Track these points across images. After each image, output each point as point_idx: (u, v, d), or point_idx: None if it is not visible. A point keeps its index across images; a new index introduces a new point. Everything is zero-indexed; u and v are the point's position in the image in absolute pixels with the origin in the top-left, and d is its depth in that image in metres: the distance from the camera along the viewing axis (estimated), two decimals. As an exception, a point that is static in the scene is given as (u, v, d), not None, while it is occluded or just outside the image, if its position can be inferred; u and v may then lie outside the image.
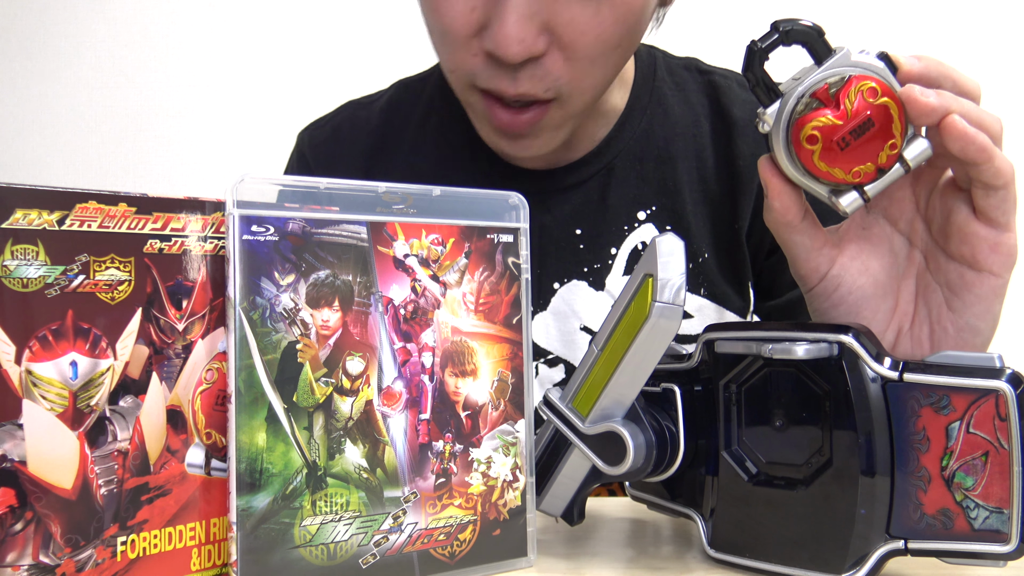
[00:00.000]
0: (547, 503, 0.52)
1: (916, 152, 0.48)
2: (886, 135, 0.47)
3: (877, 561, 0.43)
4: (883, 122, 0.47)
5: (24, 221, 0.38)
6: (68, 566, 0.39)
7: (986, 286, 0.50)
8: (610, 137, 0.79)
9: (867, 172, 0.48)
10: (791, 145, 0.48)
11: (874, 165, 0.47)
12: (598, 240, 0.78)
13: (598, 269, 0.78)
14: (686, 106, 0.82)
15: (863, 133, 0.47)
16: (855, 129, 0.47)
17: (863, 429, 0.43)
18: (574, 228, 0.78)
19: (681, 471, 0.49)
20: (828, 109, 0.47)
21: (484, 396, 0.48)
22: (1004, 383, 0.41)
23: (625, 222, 0.79)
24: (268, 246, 0.42)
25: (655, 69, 0.82)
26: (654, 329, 0.45)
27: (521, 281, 0.50)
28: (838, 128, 0.47)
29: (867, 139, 0.47)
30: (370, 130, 0.85)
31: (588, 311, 0.78)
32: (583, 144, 0.79)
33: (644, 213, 0.79)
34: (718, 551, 0.48)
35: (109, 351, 0.40)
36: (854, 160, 0.47)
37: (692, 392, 0.49)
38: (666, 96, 0.82)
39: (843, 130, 0.47)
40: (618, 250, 0.79)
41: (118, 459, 0.40)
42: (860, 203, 0.49)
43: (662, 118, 0.81)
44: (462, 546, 0.47)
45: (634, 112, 0.80)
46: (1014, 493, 0.40)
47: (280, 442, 0.42)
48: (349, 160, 0.84)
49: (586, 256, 0.78)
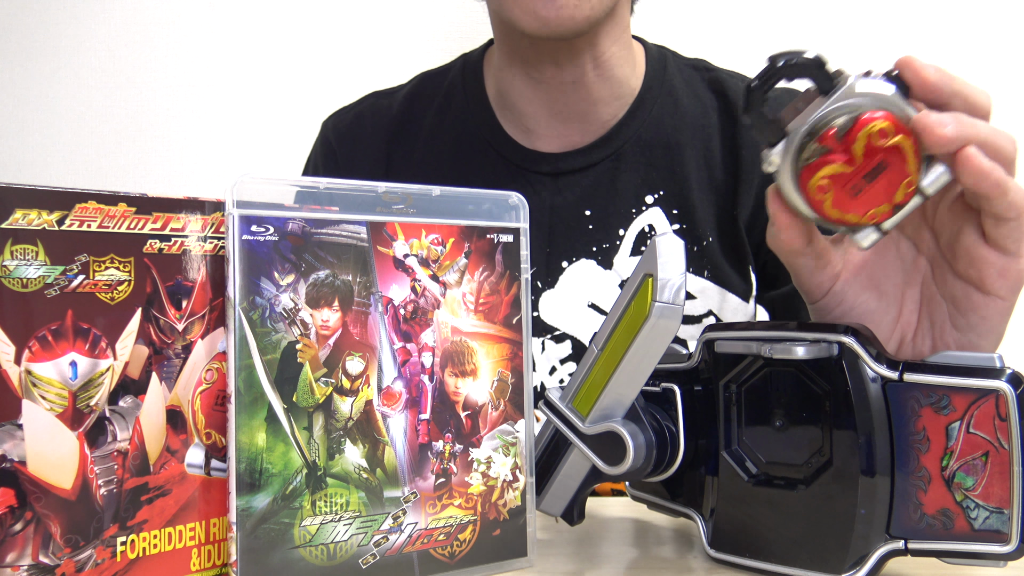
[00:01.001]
0: (547, 503, 0.51)
1: (933, 179, 0.45)
2: (901, 175, 0.44)
3: (877, 561, 0.43)
4: (897, 163, 0.44)
5: (24, 221, 0.38)
6: (68, 566, 0.39)
7: (992, 309, 0.49)
8: (622, 123, 0.83)
9: (883, 212, 0.45)
10: (801, 191, 0.46)
11: (890, 205, 0.45)
12: (607, 221, 0.82)
13: (606, 249, 0.81)
14: (695, 99, 0.85)
15: (876, 176, 0.44)
16: (868, 174, 0.44)
17: (863, 429, 0.43)
18: (584, 209, 0.82)
19: (681, 471, 0.49)
20: (837, 155, 0.44)
21: (484, 396, 0.48)
22: (1004, 383, 0.40)
23: (633, 205, 0.82)
24: (268, 246, 0.42)
25: (666, 64, 0.86)
26: (654, 329, 0.45)
27: (521, 281, 0.50)
28: (849, 176, 0.44)
29: (881, 182, 0.44)
30: (391, 116, 0.88)
31: (596, 289, 0.81)
32: (595, 128, 0.82)
33: (652, 197, 0.82)
34: (718, 551, 0.48)
35: (109, 351, 0.40)
36: (869, 203, 0.45)
37: (692, 392, 0.49)
38: (676, 88, 0.85)
39: (855, 177, 0.44)
40: (626, 231, 0.82)
41: (118, 459, 0.40)
42: (877, 237, 0.46)
43: (672, 107, 0.84)
44: (462, 546, 0.47)
45: (645, 100, 0.83)
46: (1014, 493, 0.40)
47: (280, 442, 0.42)
48: (371, 143, 0.88)
49: (595, 236, 0.82)
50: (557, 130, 0.83)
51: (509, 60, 0.82)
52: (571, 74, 0.79)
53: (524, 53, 0.79)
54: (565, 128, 0.83)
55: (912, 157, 0.44)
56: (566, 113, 0.82)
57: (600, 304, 0.81)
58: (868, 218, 0.45)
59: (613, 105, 0.82)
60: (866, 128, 0.43)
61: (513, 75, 0.82)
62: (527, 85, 0.81)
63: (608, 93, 0.82)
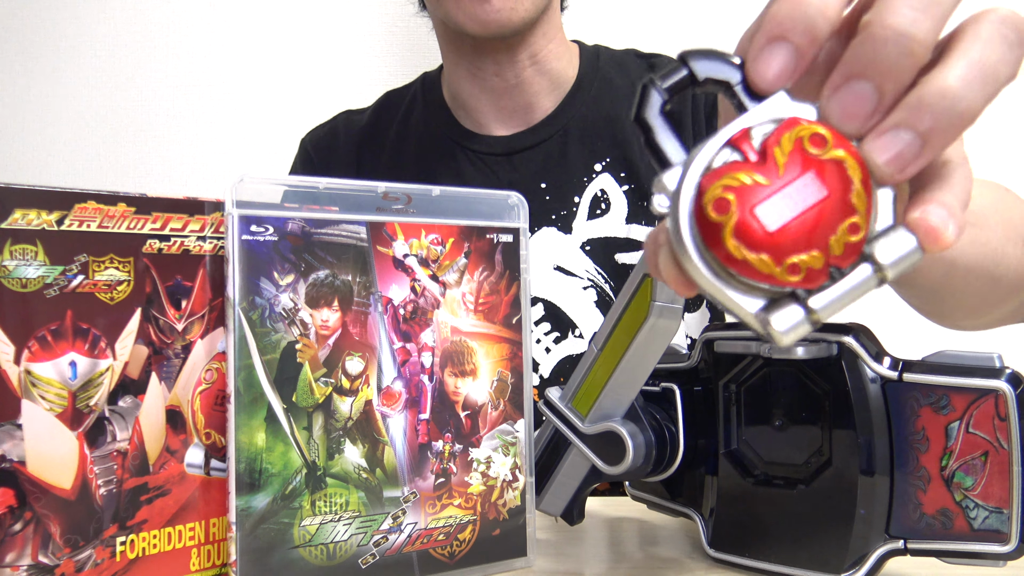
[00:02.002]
0: (547, 503, 0.51)
1: (897, 255, 0.29)
2: (841, 209, 0.28)
3: (876, 561, 0.43)
4: (836, 189, 0.28)
5: (23, 221, 0.38)
6: (67, 566, 0.39)
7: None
8: (563, 105, 0.92)
9: (811, 268, 0.28)
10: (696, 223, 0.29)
11: (823, 257, 0.28)
12: (561, 190, 0.90)
13: (564, 215, 0.90)
14: (628, 81, 0.94)
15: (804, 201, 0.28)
16: (791, 192, 0.28)
17: (863, 429, 0.43)
18: (539, 182, 0.91)
19: (681, 471, 0.49)
20: (750, 164, 0.29)
21: (484, 396, 0.48)
22: (1004, 383, 0.40)
23: (584, 173, 0.90)
24: (267, 246, 0.42)
25: (598, 57, 0.95)
26: (653, 329, 0.45)
27: (521, 281, 0.50)
28: (761, 190, 0.28)
29: (810, 212, 0.28)
30: (362, 127, 0.99)
31: (559, 252, 0.90)
32: (538, 114, 0.92)
33: (600, 165, 0.91)
34: (718, 551, 0.48)
35: (108, 351, 0.40)
36: (790, 245, 0.28)
37: (692, 392, 0.49)
38: (610, 74, 0.94)
39: (769, 193, 0.28)
40: (580, 198, 0.90)
41: (117, 459, 0.40)
42: (805, 327, 0.29)
43: (607, 89, 0.93)
44: (462, 546, 0.47)
45: (582, 86, 0.93)
46: (1014, 493, 0.40)
47: (279, 442, 0.42)
48: (344, 150, 0.98)
49: (552, 205, 0.90)
50: (506, 123, 0.93)
51: (456, 65, 0.92)
52: (511, 72, 0.89)
53: (468, 56, 0.90)
54: (513, 121, 0.93)
55: (859, 186, 0.28)
56: (510, 108, 0.92)
57: (564, 266, 0.89)
58: (788, 270, 0.28)
59: (552, 95, 0.92)
60: (795, 129, 0.29)
61: (460, 78, 0.92)
62: (474, 85, 0.91)
63: (547, 85, 0.92)
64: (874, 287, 0.29)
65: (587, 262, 0.89)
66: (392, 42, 1.22)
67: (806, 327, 0.29)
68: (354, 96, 1.02)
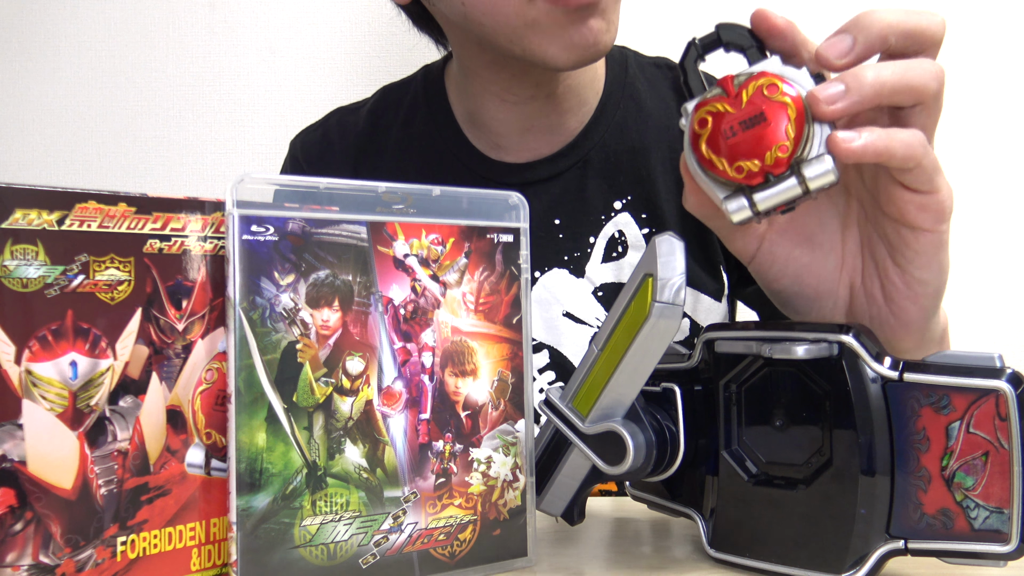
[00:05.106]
0: (547, 503, 0.51)
1: (817, 172, 0.44)
2: (775, 135, 0.43)
3: (877, 561, 0.43)
4: (775, 120, 0.44)
5: (24, 221, 0.38)
6: (68, 566, 0.39)
7: (923, 242, 0.48)
8: (585, 130, 0.82)
9: (751, 171, 0.44)
10: (690, 134, 0.46)
11: (760, 165, 0.44)
12: (577, 229, 0.82)
13: (578, 257, 0.82)
14: (658, 99, 0.85)
15: (752, 127, 0.44)
16: (745, 121, 0.44)
17: (863, 429, 0.43)
18: (553, 218, 0.82)
19: (681, 471, 0.49)
20: (726, 99, 0.45)
21: (484, 396, 0.48)
22: (1004, 383, 0.40)
23: (602, 211, 0.82)
24: (268, 246, 0.42)
25: (627, 66, 0.85)
26: (654, 329, 0.45)
27: (521, 281, 0.50)
28: (728, 116, 0.44)
29: (755, 133, 0.44)
30: (357, 132, 0.89)
31: (569, 297, 0.81)
32: (560, 138, 0.82)
33: (620, 203, 0.82)
34: (718, 551, 0.48)
35: (109, 351, 0.40)
36: (738, 153, 0.44)
37: (692, 392, 0.49)
38: (639, 90, 0.85)
39: (732, 119, 0.44)
40: (596, 238, 0.82)
41: (118, 459, 0.40)
42: (748, 214, 0.45)
43: (635, 111, 0.84)
44: (462, 546, 0.47)
45: (608, 106, 0.83)
46: (1014, 493, 0.40)
47: (280, 442, 0.42)
48: (339, 160, 0.88)
49: (566, 245, 0.82)
50: (527, 143, 0.82)
51: (484, 87, 0.80)
52: (546, 89, 0.79)
53: (506, 81, 0.78)
54: (535, 141, 0.82)
55: (792, 123, 0.43)
56: (537, 127, 0.82)
57: (574, 313, 0.81)
58: (736, 170, 0.44)
59: (579, 113, 0.82)
60: (759, 80, 0.44)
61: (485, 99, 0.81)
62: (500, 108, 0.81)
63: (575, 102, 0.81)
64: (800, 194, 0.44)
65: (599, 310, 0.82)
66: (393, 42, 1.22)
67: (748, 213, 0.45)
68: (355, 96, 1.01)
